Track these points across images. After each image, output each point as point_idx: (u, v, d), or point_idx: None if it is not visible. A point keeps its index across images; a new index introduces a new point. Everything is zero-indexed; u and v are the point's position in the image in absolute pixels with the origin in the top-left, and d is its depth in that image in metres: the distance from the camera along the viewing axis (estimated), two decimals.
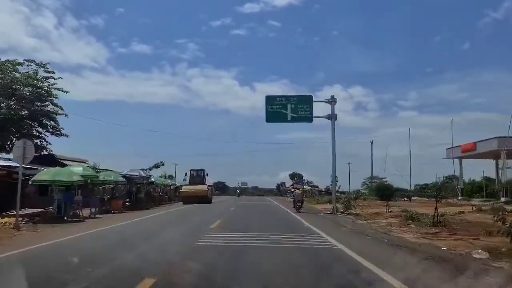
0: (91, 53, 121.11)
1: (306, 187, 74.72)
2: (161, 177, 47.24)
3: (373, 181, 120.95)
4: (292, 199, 28.64)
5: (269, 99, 26.17)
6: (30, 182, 17.47)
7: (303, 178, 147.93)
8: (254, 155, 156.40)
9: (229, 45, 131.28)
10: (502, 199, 36.83)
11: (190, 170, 36.87)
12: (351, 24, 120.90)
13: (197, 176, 36.40)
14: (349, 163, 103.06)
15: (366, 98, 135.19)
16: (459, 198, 44.86)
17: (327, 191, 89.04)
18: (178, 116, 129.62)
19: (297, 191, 30.56)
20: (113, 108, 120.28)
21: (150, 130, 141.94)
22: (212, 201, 37.43)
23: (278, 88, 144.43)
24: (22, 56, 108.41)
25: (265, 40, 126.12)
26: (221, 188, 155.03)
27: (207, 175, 37.33)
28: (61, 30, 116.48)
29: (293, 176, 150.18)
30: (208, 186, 36.52)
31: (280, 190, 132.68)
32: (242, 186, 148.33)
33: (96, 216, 19.49)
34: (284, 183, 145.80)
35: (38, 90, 24.93)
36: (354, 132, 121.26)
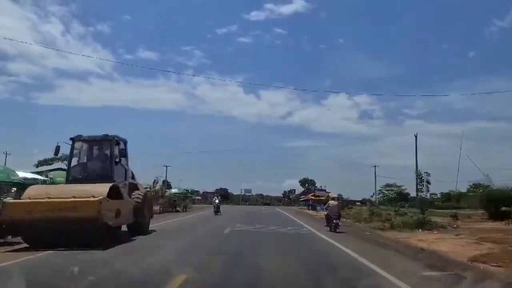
0: (97, 60, 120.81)
1: (331, 194, 51.95)
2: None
3: (389, 188, 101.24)
4: (324, 213, 20.00)
5: None
6: None
7: (315, 185, 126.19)
8: (259, 162, 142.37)
9: (235, 53, 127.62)
10: None
11: (74, 139, 12.62)
12: (357, 31, 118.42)
13: (96, 160, 12.78)
14: (375, 166, 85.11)
15: (372, 106, 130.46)
16: None
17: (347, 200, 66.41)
18: (183, 123, 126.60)
19: (331, 201, 18.39)
20: (119, 114, 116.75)
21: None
22: (165, 222, 15.38)
23: (283, 96, 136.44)
24: (30, 63, 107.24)
25: (271, 47, 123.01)
26: (223, 195, 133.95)
27: (124, 153, 13.20)
28: (68, 37, 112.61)
29: (303, 182, 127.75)
30: (133, 187, 13.50)
31: (290, 199, 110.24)
32: (246, 194, 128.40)
33: None
34: (294, 190, 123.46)
35: None
36: (359, 140, 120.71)
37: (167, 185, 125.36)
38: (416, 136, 59.00)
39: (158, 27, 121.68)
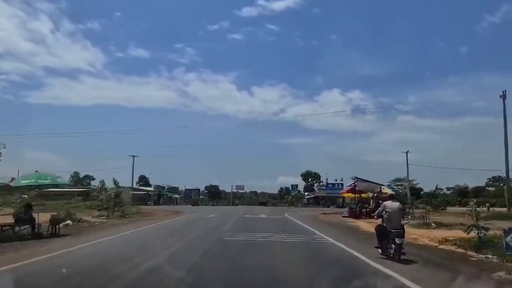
0: (88, 58, 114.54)
1: (386, 189, 28.52)
2: None
3: (398, 183, 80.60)
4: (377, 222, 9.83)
5: None
6: None
7: (320, 178, 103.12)
8: (252, 160, 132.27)
9: (227, 49, 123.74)
10: None
11: None
12: (350, 28, 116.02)
13: None
14: (407, 152, 64.36)
15: (365, 102, 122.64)
16: None
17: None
18: (175, 120, 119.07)
19: (389, 203, 9.03)
20: (111, 113, 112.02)
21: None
22: None
23: (277, 92, 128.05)
24: (19, 61, 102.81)
25: (264, 44, 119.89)
26: (213, 193, 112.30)
27: None
28: (57, 34, 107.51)
29: (306, 176, 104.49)
30: None
31: (293, 196, 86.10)
32: (239, 191, 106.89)
33: None
34: (296, 185, 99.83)
35: None
36: (352, 136, 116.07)
37: (143, 181, 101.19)
38: (504, 95, 36.27)
39: (149, 24, 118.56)
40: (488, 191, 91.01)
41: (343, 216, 26.82)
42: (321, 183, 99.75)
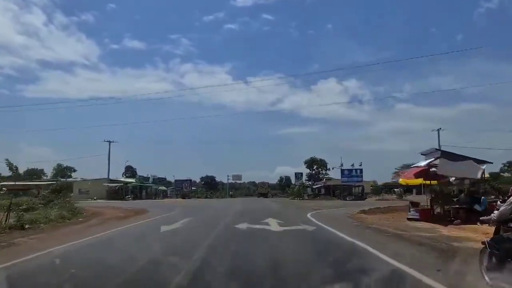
0: (82, 50, 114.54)
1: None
2: None
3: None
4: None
5: None
6: None
7: (327, 166, 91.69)
8: (250, 150, 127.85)
9: (223, 40, 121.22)
10: None
11: None
12: (346, 16, 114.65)
13: None
14: (438, 129, 57.68)
15: (361, 90, 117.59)
16: None
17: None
18: (171, 111, 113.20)
19: None
20: (106, 105, 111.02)
21: None
22: None
23: (273, 82, 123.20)
24: (13, 55, 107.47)
25: (259, 34, 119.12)
26: (209, 184, 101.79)
27: None
28: (51, 27, 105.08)
29: (311, 163, 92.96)
30: None
31: (299, 187, 73.05)
32: (236, 182, 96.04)
33: None
34: (301, 173, 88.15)
35: None
36: (349, 126, 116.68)
37: (130, 172, 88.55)
38: None
39: (143, 16, 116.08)
40: (503, 177, 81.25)
41: (409, 219, 15.40)
42: (327, 171, 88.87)
